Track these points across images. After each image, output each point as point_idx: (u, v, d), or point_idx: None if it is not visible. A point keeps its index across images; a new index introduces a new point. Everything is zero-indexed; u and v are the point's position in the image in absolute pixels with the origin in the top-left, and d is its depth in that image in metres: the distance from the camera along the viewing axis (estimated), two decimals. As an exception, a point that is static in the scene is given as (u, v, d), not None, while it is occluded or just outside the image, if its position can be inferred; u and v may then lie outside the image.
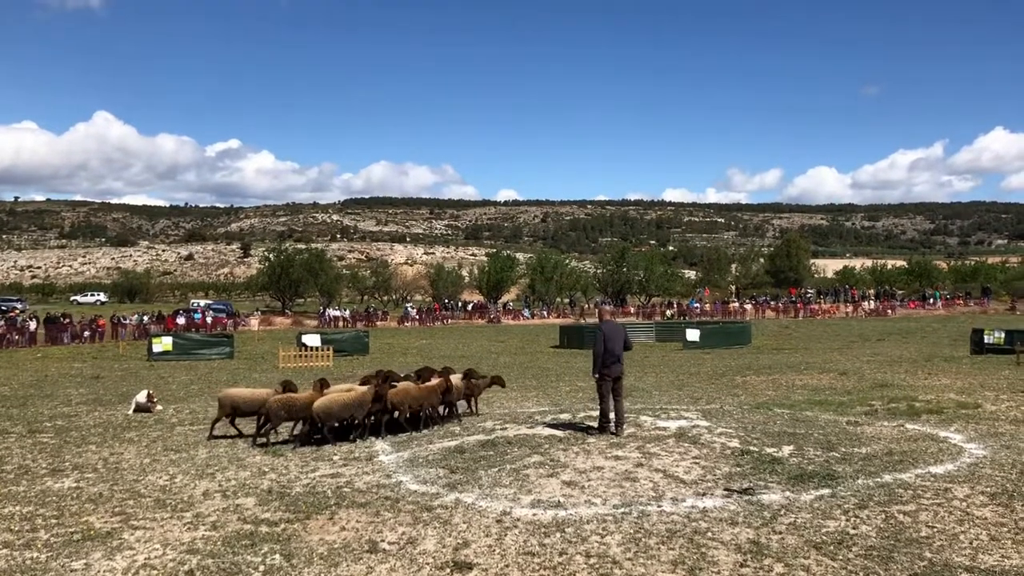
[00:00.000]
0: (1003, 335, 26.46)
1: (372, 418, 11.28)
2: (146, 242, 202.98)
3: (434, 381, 12.16)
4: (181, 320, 51.23)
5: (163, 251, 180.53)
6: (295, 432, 11.27)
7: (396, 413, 11.38)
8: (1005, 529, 6.48)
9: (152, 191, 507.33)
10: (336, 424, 10.98)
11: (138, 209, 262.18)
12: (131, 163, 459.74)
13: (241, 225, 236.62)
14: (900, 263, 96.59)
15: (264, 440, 10.93)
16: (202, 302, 74.59)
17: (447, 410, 12.39)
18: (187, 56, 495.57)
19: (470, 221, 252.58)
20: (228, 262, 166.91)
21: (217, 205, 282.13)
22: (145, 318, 50.50)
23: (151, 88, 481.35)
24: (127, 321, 48.10)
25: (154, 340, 31.00)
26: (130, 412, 14.71)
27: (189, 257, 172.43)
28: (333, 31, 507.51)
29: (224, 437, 11.65)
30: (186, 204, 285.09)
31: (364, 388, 11.27)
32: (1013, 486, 7.76)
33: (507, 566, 5.81)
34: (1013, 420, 11.94)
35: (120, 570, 5.94)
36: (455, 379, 12.61)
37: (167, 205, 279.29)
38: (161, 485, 8.58)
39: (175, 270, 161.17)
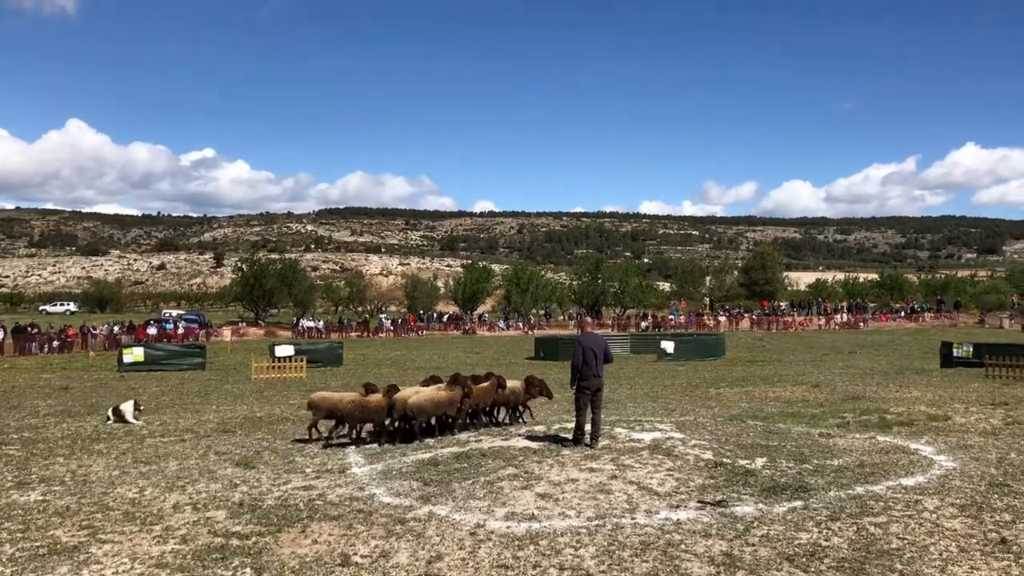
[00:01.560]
0: (971, 348, 26.80)
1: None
2: (117, 251, 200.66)
3: (484, 384, 12.82)
4: (152, 330, 50.70)
5: (135, 260, 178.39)
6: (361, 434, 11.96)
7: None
8: (974, 541, 6.54)
9: (125, 200, 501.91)
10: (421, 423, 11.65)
11: (109, 218, 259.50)
12: (104, 172, 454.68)
13: (214, 235, 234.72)
14: (872, 276, 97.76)
15: (347, 440, 11.53)
16: (174, 312, 73.96)
17: (500, 412, 13.37)
18: (163, 64, 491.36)
19: (446, 232, 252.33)
20: (201, 272, 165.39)
21: (190, 215, 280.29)
22: (116, 328, 49.96)
23: (126, 96, 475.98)
24: (97, 331, 47.54)
25: (124, 351, 30.65)
26: (111, 421, 14.55)
27: (161, 267, 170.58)
28: (311, 41, 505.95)
29: (311, 440, 11.86)
30: (159, 213, 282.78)
31: (453, 388, 12.00)
32: (982, 498, 7.84)
33: (480, 579, 5.78)
34: (982, 432, 12.08)
35: (87, 585, 5.84)
36: (516, 384, 13.29)
37: (139, 214, 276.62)
38: (130, 498, 8.45)
39: (147, 280, 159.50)
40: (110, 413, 15.00)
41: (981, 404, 15.75)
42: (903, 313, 69.69)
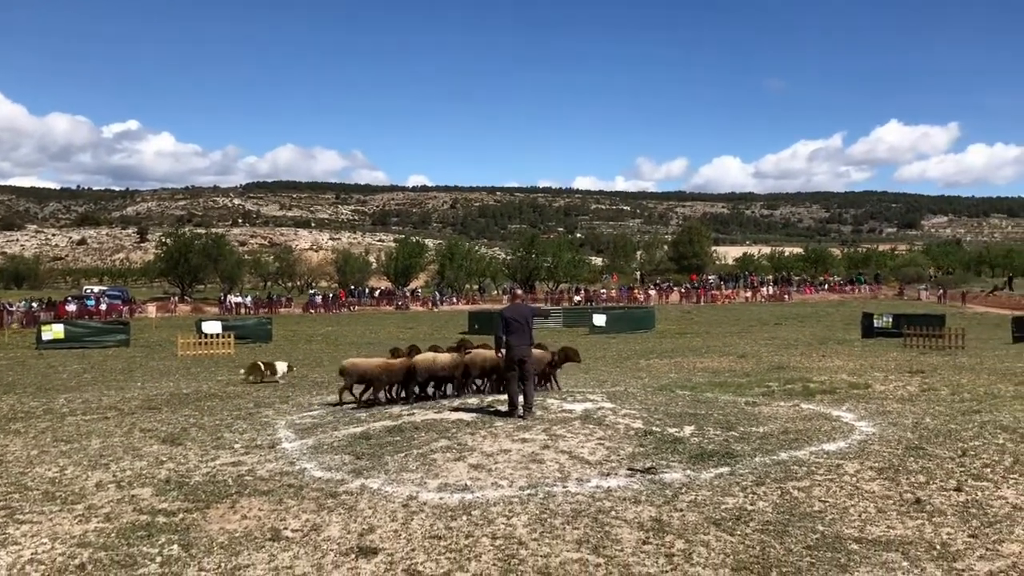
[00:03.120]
0: (891, 319, 27.82)
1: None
2: (34, 226, 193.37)
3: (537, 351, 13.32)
4: (73, 307, 49.17)
5: (53, 235, 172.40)
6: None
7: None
8: (891, 501, 6.78)
9: (44, 173, 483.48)
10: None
11: (26, 191, 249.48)
12: (20, 143, 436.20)
13: (138, 209, 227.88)
14: (797, 250, 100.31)
15: (372, 400, 12.30)
16: (96, 288, 71.79)
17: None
18: (83, 32, 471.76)
19: (378, 207, 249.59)
20: (124, 247, 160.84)
21: (112, 188, 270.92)
22: (34, 305, 48.32)
23: (44, 65, 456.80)
24: (13, 308, 45.91)
25: (43, 328, 29.71)
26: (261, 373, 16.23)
27: (82, 242, 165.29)
28: (239, 10, 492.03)
29: (343, 404, 11.29)
30: (78, 187, 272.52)
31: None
32: (899, 461, 8.13)
33: (413, 550, 5.77)
34: (900, 399, 12.52)
35: (4, 566, 5.65)
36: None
37: (58, 188, 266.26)
38: (50, 477, 8.20)
39: (66, 255, 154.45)
40: (261, 365, 16.51)
41: (899, 372, 16.34)
42: (826, 286, 71.64)
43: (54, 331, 29.05)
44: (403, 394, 12.58)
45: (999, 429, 9.67)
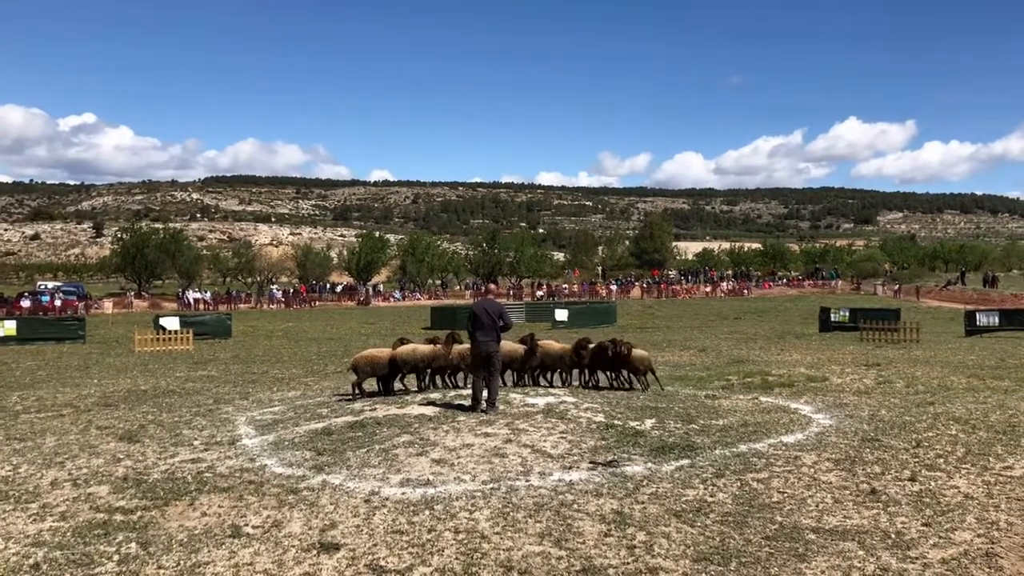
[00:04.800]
0: (848, 313, 28.29)
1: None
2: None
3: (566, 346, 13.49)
4: (27, 303, 48.20)
5: (5, 230, 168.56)
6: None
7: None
8: (847, 492, 6.91)
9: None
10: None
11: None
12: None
13: (93, 203, 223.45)
14: (756, 246, 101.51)
15: (358, 392, 12.34)
16: (50, 284, 70.41)
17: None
18: (39, 21, 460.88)
19: (339, 201, 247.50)
20: (79, 242, 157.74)
21: (68, 182, 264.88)
22: (-15, 301, 47.29)
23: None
24: (-35, 305, 44.86)
25: (-6, 324, 29.02)
26: None
27: (35, 237, 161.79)
28: (199, 1, 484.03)
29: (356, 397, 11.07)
30: (31, 180, 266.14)
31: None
32: (855, 452, 8.28)
33: (375, 545, 5.76)
34: (856, 391, 12.74)
35: (-44, 567, 5.54)
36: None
37: (10, 181, 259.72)
38: (2, 476, 8.03)
39: (19, 251, 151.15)
40: None
41: (856, 365, 16.62)
42: (785, 280, 72.60)
43: (6, 328, 28.40)
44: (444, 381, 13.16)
45: (952, 420, 9.90)
